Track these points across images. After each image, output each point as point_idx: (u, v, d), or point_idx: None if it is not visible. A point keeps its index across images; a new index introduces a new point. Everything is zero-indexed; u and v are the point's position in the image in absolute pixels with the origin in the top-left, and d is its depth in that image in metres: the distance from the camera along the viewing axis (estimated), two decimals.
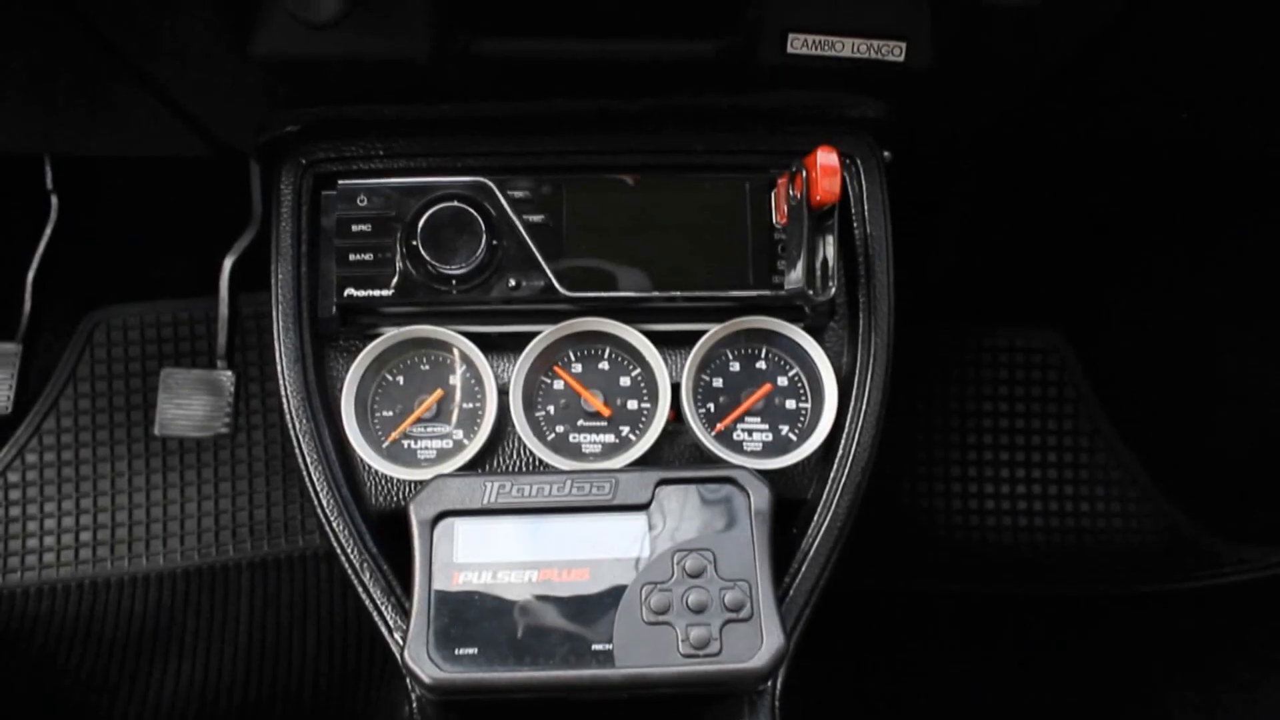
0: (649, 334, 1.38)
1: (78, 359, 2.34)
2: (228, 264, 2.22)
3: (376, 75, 1.29)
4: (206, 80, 1.33)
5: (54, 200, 2.30)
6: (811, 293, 1.28)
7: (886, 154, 1.46)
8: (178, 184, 2.26)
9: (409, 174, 1.39)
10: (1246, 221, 2.24)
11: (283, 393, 1.37)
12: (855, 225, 1.42)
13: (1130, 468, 2.40)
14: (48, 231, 2.31)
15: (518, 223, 1.36)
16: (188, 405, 2.20)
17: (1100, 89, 1.46)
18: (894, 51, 1.25)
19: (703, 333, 1.38)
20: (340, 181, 1.38)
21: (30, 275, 2.31)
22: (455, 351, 1.40)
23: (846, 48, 1.24)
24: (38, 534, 2.27)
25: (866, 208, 1.42)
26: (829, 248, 1.29)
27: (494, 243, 1.35)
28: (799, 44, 1.23)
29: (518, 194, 1.37)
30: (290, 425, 1.36)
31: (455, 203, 1.35)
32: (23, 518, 2.27)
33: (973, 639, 2.27)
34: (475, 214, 1.34)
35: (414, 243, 1.34)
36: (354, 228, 1.37)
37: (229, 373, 2.23)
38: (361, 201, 1.37)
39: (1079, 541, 2.38)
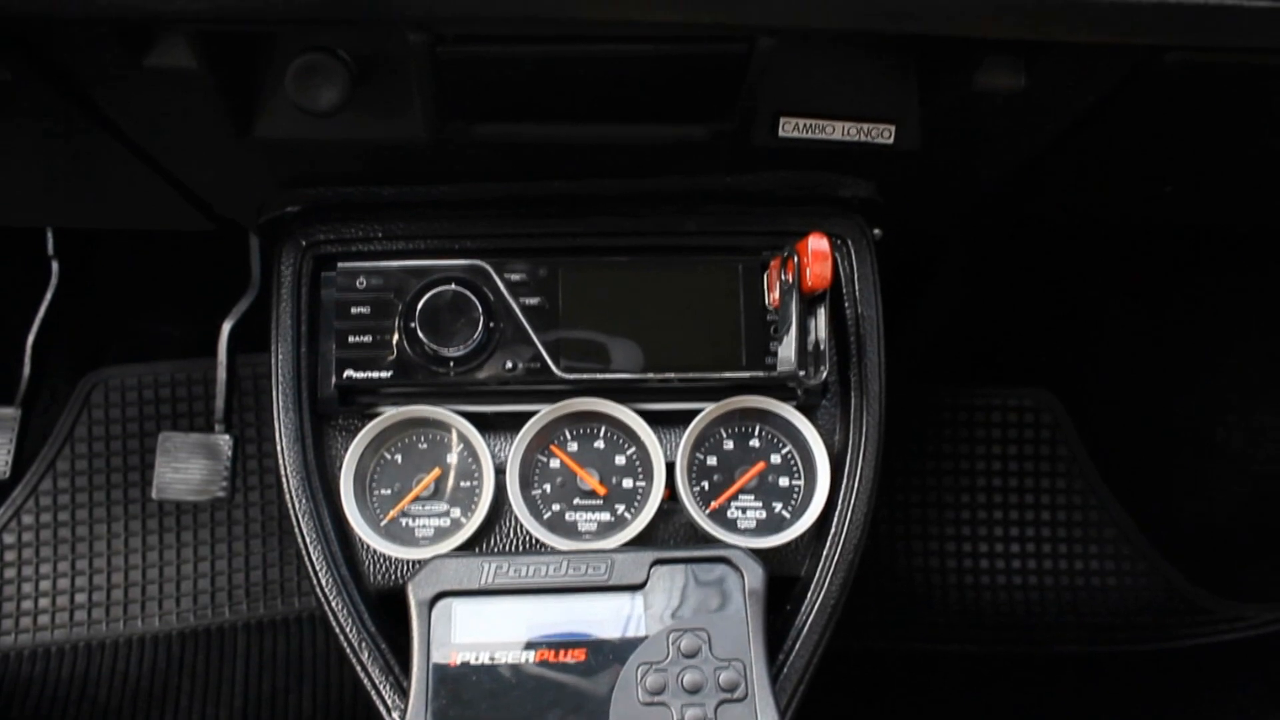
0: (643, 413, 1.39)
1: (75, 420, 2.34)
2: (226, 328, 2.23)
3: (375, 158, 1.31)
4: (210, 163, 1.35)
5: (55, 266, 2.31)
6: (803, 375, 1.29)
7: (877, 231, 1.47)
8: (176, 248, 2.28)
9: (407, 256, 1.40)
10: (1226, 280, 2.26)
11: (282, 472, 1.38)
12: (846, 305, 1.44)
13: (1124, 526, 2.41)
14: (48, 296, 2.32)
15: (514, 305, 1.38)
16: (185, 469, 2.20)
17: (1083, 169, 1.48)
18: (884, 134, 1.26)
19: (697, 412, 1.39)
20: (340, 264, 1.40)
21: (30, 339, 2.32)
22: (453, 431, 1.41)
23: (837, 131, 1.26)
24: (33, 595, 2.27)
25: (858, 288, 1.43)
26: (821, 331, 1.30)
27: (491, 325, 1.36)
28: (790, 127, 1.25)
29: (514, 277, 1.38)
30: (290, 505, 1.37)
31: (453, 286, 1.36)
32: (18, 579, 2.27)
33: (969, 699, 2.27)
34: (473, 297, 1.36)
35: (412, 325, 1.36)
36: (353, 310, 1.38)
37: (227, 437, 2.22)
38: (360, 283, 1.38)
39: (1074, 600, 2.38)
